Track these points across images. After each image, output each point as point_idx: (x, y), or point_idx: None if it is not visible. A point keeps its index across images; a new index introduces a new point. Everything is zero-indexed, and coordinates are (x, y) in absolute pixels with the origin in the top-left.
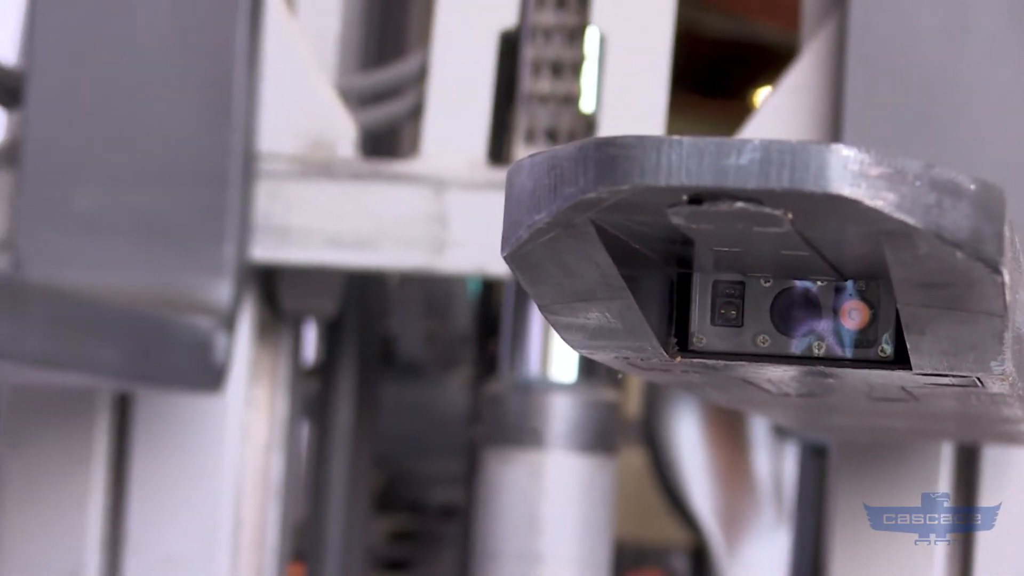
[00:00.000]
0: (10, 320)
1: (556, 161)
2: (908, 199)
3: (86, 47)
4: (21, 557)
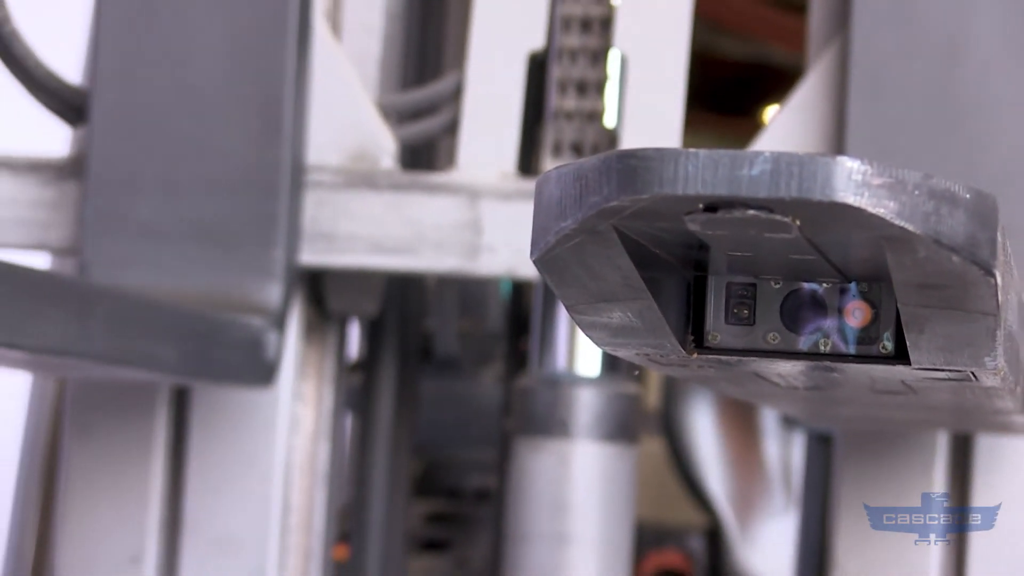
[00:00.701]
0: (76, 320)
1: (581, 172)
2: (908, 207)
3: (146, 68)
4: (86, 541)
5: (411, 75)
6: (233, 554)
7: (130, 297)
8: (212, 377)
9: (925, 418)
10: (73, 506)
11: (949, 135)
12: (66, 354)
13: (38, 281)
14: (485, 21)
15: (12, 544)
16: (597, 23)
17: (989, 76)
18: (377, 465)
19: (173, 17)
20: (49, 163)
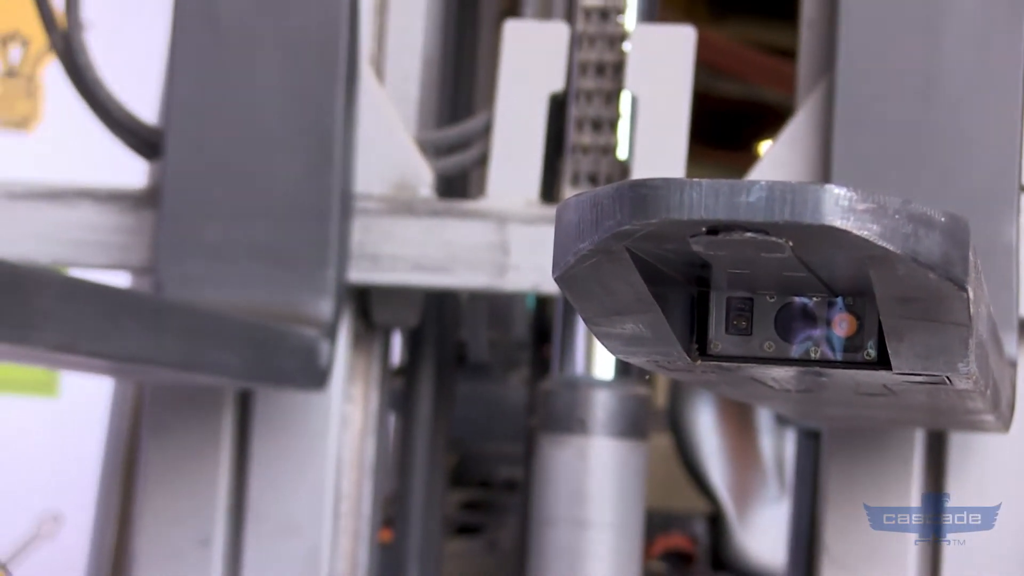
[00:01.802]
0: (152, 332)
1: (597, 200)
2: (889, 229)
3: (214, 109)
4: (161, 527)
5: (446, 114)
6: (292, 537)
7: (199, 311)
8: (272, 382)
9: (904, 417)
10: (150, 495)
11: (924, 164)
12: (143, 362)
13: (119, 298)
14: (511, 66)
15: (97, 528)
16: (610, 68)
17: (960, 112)
18: (417, 458)
19: (238, 65)
20: (128, 193)
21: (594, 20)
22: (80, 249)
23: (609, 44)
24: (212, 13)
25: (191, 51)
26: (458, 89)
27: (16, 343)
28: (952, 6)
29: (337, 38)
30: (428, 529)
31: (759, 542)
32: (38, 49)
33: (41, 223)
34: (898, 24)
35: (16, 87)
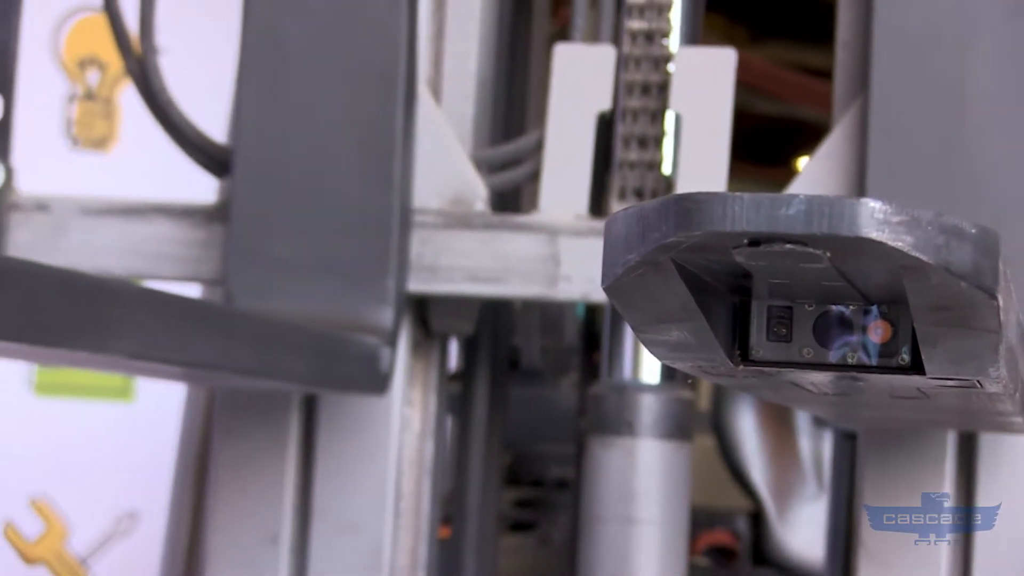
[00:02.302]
0: (223, 340)
1: (644, 213)
2: (922, 240)
3: (280, 128)
4: (232, 524)
5: (499, 133)
6: (355, 534)
7: (267, 320)
8: (336, 387)
9: (936, 419)
10: (221, 494)
11: (955, 178)
12: (214, 368)
13: (191, 308)
14: (561, 87)
15: (171, 525)
16: (655, 88)
17: (988, 128)
18: (473, 459)
19: (303, 87)
20: (200, 209)
21: (640, 43)
22: (155, 262)
23: (654, 66)
24: (278, 38)
25: (258, 74)
26: (511, 109)
27: (95, 351)
28: (981, 27)
29: (396, 62)
30: (484, 526)
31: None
32: (115, 73)
33: (119, 238)
34: (929, 45)
35: (94, 109)
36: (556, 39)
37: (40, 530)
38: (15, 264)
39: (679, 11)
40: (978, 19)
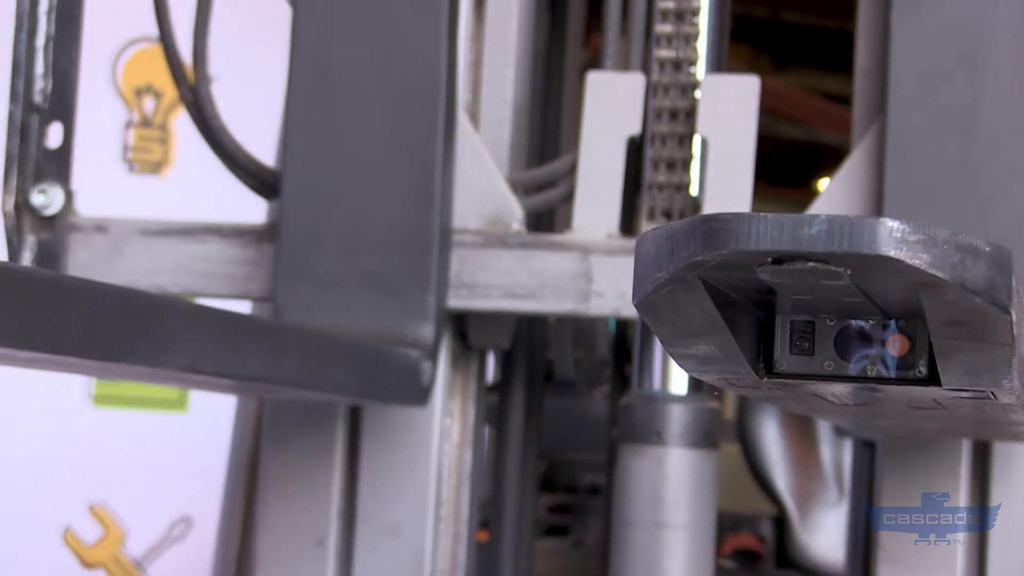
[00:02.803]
0: (272, 354)
1: (672, 233)
2: (939, 258)
3: (326, 152)
4: (281, 528)
5: (534, 156)
6: (398, 538)
7: (314, 335)
8: (379, 398)
9: (952, 429)
10: (270, 500)
11: (969, 198)
12: (263, 381)
13: (242, 323)
14: (593, 113)
15: (222, 530)
16: (683, 113)
17: (999, 151)
18: (510, 466)
19: (348, 113)
20: (250, 229)
21: (668, 71)
22: (207, 280)
23: (681, 92)
24: (324, 66)
25: (305, 101)
26: (545, 133)
27: (150, 365)
28: (992, 54)
29: (437, 89)
30: (520, 530)
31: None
32: (169, 101)
33: (173, 257)
34: (943, 72)
35: (150, 135)
36: (588, 67)
37: (98, 535)
38: (76, 283)
39: (705, 40)
40: (990, 47)
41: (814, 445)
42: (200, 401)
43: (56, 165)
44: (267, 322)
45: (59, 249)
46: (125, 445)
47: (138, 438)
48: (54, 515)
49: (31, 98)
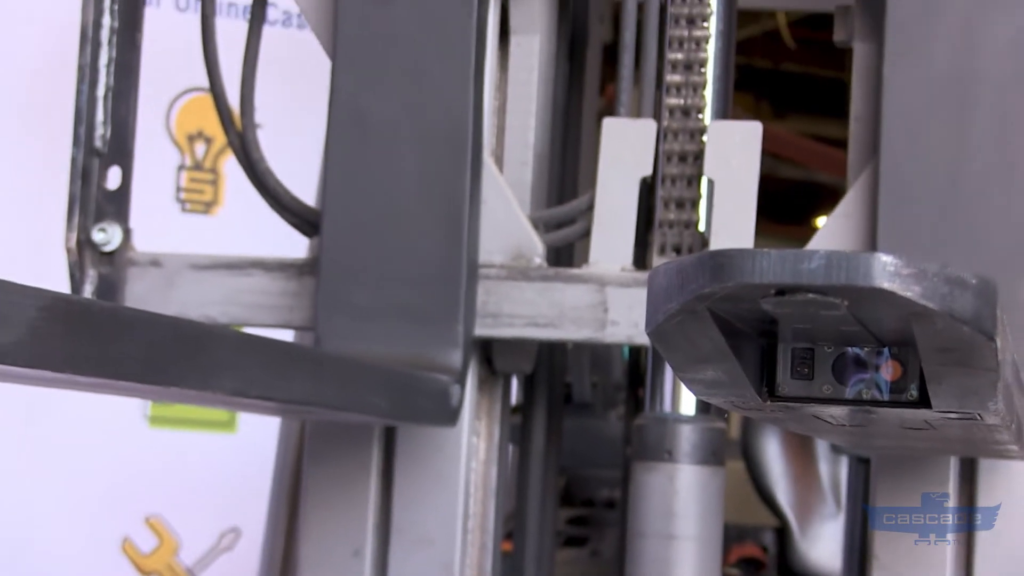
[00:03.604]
0: (313, 379)
1: (682, 267)
2: (929, 290)
3: (363, 192)
4: (322, 538)
5: (554, 196)
6: (429, 549)
7: (352, 361)
8: (412, 419)
9: (941, 447)
10: (311, 513)
11: (956, 234)
12: (305, 404)
13: (285, 351)
14: (609, 155)
15: (268, 540)
16: (691, 156)
17: (984, 191)
18: (532, 482)
19: (382, 155)
20: (292, 263)
21: (677, 117)
22: (253, 311)
23: (690, 137)
24: (361, 114)
25: (343, 145)
26: (564, 175)
27: (201, 389)
28: (978, 100)
29: (464, 134)
30: (542, 541)
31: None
32: (219, 146)
33: (222, 289)
34: (931, 117)
35: (201, 177)
36: (604, 114)
37: (154, 545)
38: (133, 314)
39: (711, 89)
40: (974, 94)
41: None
42: (247, 422)
43: (115, 205)
44: (309, 350)
45: (117, 282)
46: (178, 462)
47: (190, 456)
48: (113, 526)
49: (92, 144)
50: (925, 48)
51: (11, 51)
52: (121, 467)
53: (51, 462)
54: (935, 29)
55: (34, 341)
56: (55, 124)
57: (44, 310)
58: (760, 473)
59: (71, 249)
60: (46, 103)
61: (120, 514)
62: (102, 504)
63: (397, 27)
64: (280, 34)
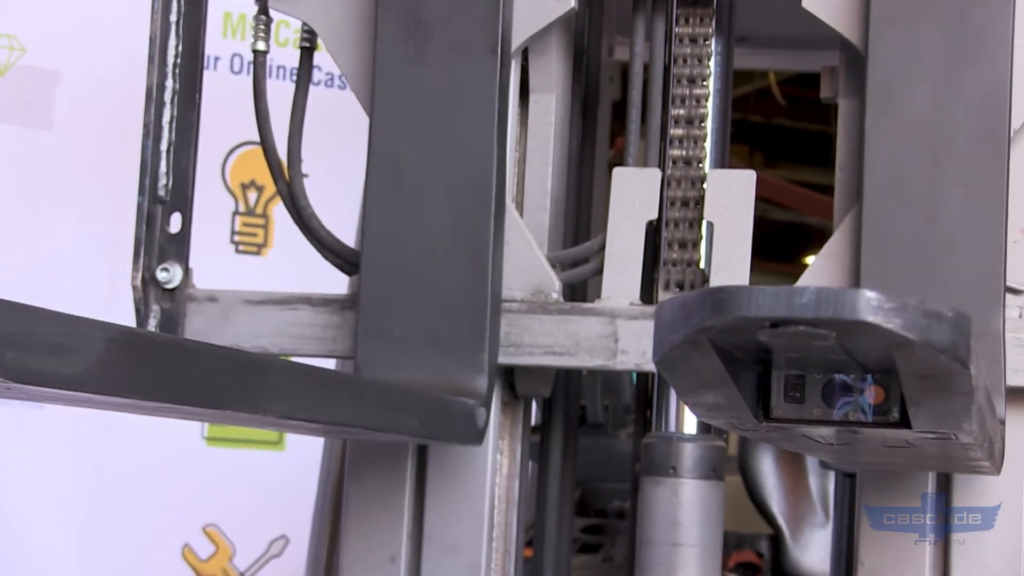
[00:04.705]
0: (354, 403)
1: (686, 302)
2: (909, 323)
3: (398, 234)
4: (361, 546)
5: (570, 237)
6: (458, 555)
7: (388, 387)
8: (442, 438)
9: (920, 464)
10: (352, 522)
11: (932, 272)
12: (346, 425)
13: (328, 378)
14: (618, 201)
15: (313, 547)
16: (692, 201)
17: (957, 232)
18: (551, 494)
19: (415, 201)
20: (335, 299)
21: (680, 166)
22: (300, 341)
23: (691, 184)
24: (396, 163)
25: (380, 191)
26: (578, 219)
27: (253, 413)
28: (952, 150)
29: (489, 183)
30: (559, 547)
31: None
32: (269, 193)
33: (272, 322)
34: (909, 166)
35: (253, 222)
36: (614, 164)
37: (211, 552)
38: (193, 345)
39: (710, 141)
40: (949, 144)
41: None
42: (294, 441)
43: (176, 247)
44: (349, 376)
45: (178, 316)
46: (233, 477)
47: (243, 471)
48: (175, 535)
49: (156, 192)
50: (903, 105)
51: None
52: (182, 481)
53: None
54: (912, 88)
55: (104, 370)
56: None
57: (113, 342)
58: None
59: (137, 287)
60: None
61: (180, 524)
62: (165, 515)
63: (428, 87)
64: (324, 93)
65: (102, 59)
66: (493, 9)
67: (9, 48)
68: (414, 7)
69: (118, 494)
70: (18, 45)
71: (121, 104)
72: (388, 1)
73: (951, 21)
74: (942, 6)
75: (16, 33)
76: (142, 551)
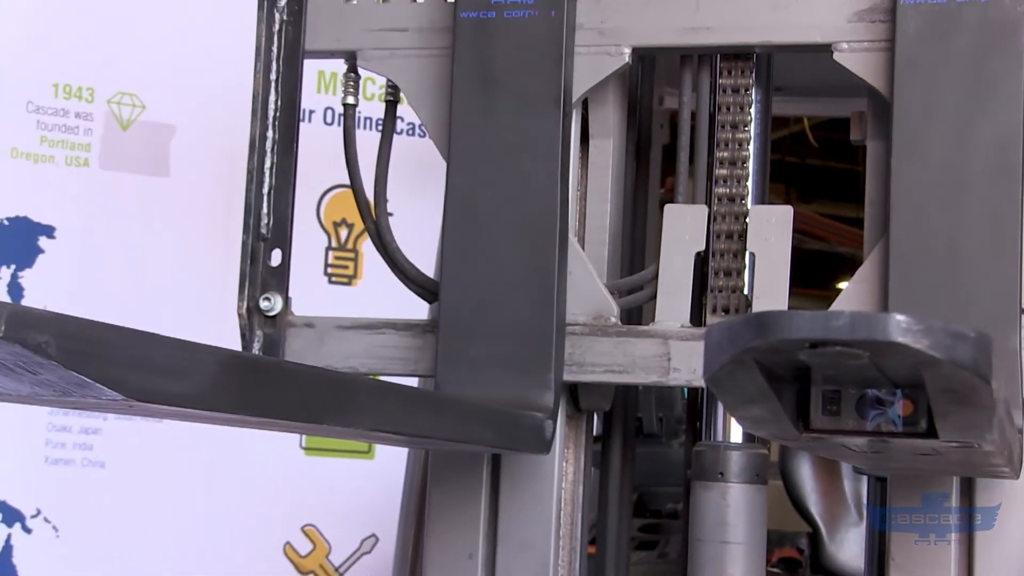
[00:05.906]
0: (435, 418)
1: (733, 326)
2: (936, 343)
3: (473, 265)
4: (443, 544)
5: (626, 267)
6: (528, 552)
7: (466, 402)
8: (514, 448)
9: (945, 469)
10: (434, 523)
11: (955, 296)
12: (429, 437)
13: (412, 395)
14: (670, 234)
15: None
16: (736, 234)
17: (976, 261)
18: (611, 497)
19: (488, 235)
20: (417, 324)
21: (724, 203)
22: (386, 362)
23: (735, 219)
24: (471, 203)
25: (457, 227)
26: (634, 251)
27: (345, 426)
28: (971, 185)
29: (554, 219)
30: (619, 545)
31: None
32: (359, 230)
33: (361, 345)
34: (933, 200)
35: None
36: (665, 201)
37: (309, 549)
38: (292, 367)
39: (752, 181)
40: (968, 181)
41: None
42: (383, 451)
43: (277, 279)
44: (431, 393)
45: (279, 341)
46: (328, 482)
47: (337, 477)
48: (277, 534)
49: (259, 231)
50: (925, 146)
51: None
52: (283, 486)
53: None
54: (933, 131)
55: (214, 390)
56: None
57: (222, 365)
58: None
59: (242, 315)
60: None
61: (282, 524)
62: (269, 516)
63: (499, 135)
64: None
65: (211, 114)
66: (556, 65)
67: (131, 105)
68: (486, 65)
69: (228, 498)
70: (139, 103)
71: (228, 153)
72: (463, 59)
73: (968, 71)
74: (960, 57)
75: (138, 92)
76: (249, 548)
